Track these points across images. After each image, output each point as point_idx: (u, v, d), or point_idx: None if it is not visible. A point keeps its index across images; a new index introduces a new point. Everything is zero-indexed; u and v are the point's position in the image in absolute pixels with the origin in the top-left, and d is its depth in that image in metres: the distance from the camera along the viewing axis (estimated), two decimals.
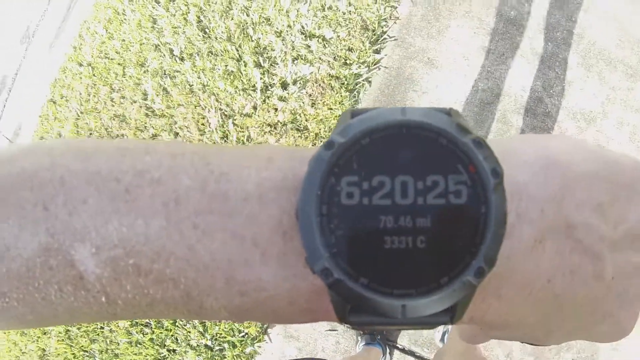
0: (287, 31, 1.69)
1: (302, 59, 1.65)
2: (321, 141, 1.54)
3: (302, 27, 1.68)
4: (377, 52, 1.64)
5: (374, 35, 1.64)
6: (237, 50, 1.72)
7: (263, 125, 1.61)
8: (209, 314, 0.18)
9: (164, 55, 1.84)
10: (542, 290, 0.18)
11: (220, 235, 0.17)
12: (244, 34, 1.74)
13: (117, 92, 1.89)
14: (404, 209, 0.16)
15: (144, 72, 1.85)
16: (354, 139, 0.17)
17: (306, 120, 1.58)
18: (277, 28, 1.71)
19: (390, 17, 1.67)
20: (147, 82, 1.83)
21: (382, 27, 1.66)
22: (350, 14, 1.67)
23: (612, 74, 1.69)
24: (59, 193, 0.16)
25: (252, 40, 1.72)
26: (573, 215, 0.18)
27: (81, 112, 1.93)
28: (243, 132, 1.62)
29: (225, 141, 1.65)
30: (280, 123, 1.60)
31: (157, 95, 1.80)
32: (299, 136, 1.57)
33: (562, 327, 0.20)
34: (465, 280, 0.16)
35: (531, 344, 0.22)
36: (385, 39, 1.65)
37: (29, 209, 0.16)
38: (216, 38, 1.77)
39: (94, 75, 1.95)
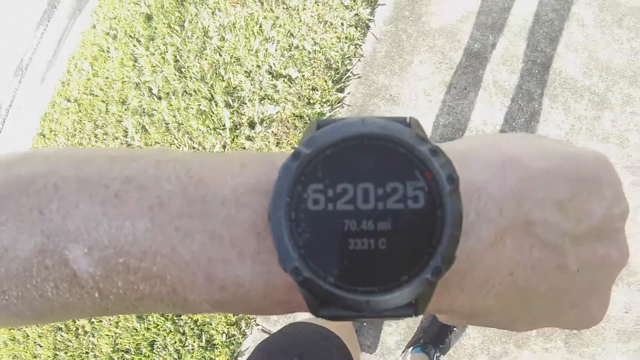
0: (255, 71, 1.76)
1: (269, 98, 1.72)
2: None
3: (270, 67, 1.75)
4: (341, 90, 1.70)
5: (337, 74, 1.70)
6: (210, 90, 1.80)
7: None
8: (193, 307, 0.19)
9: (143, 94, 1.92)
10: (504, 284, 0.19)
11: (200, 237, 0.18)
12: (216, 73, 1.81)
13: (100, 128, 1.99)
14: (366, 214, 0.17)
15: (125, 109, 1.94)
16: (318, 150, 0.18)
17: None
18: (247, 68, 1.78)
19: (355, 54, 1.73)
20: (127, 120, 1.92)
21: (346, 66, 1.71)
22: (315, 53, 1.73)
23: (577, 103, 1.72)
24: (53, 199, 0.18)
25: (224, 80, 1.79)
26: (532, 213, 0.19)
27: (67, 147, 2.02)
28: None
29: None
30: None
31: (137, 132, 1.89)
32: None
33: (527, 316, 0.21)
34: (424, 278, 0.17)
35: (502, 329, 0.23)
36: (349, 77, 1.71)
37: (25, 213, 0.17)
38: (191, 77, 1.85)
39: (79, 111, 2.05)
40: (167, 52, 1.93)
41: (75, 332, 1.77)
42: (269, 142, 1.67)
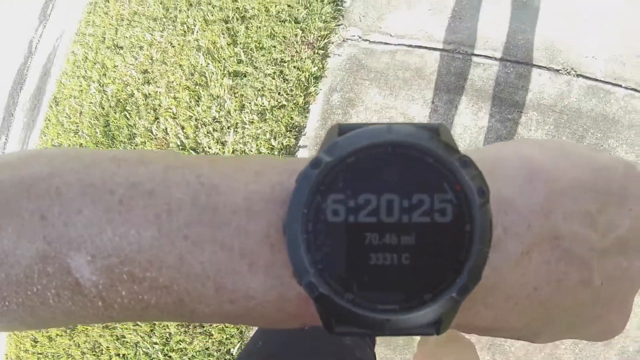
0: None
1: None
2: None
3: None
4: None
5: None
6: None
7: None
8: (202, 318, 0.19)
9: None
10: (528, 299, 0.18)
11: (209, 246, 0.17)
12: None
13: None
14: (389, 227, 0.16)
15: None
16: (340, 158, 0.17)
17: None
18: None
19: None
20: None
21: None
22: None
23: None
24: (55, 203, 0.17)
25: None
26: (560, 226, 0.18)
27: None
28: None
29: None
30: None
31: None
32: None
33: (550, 330, 0.21)
34: (449, 297, 0.16)
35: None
36: None
37: (27, 217, 0.17)
38: None
39: None
40: None
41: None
42: None
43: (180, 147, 1.71)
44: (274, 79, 1.68)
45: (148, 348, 1.59)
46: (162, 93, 1.82)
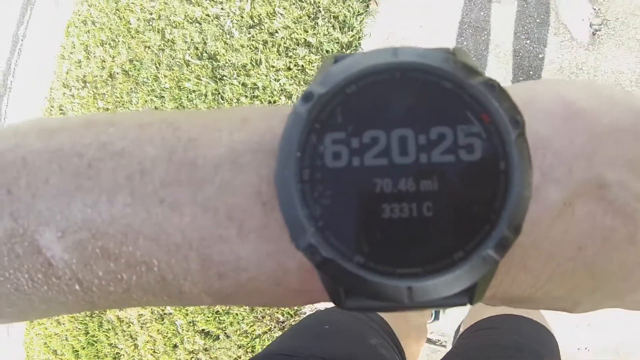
0: None
1: None
2: None
3: None
4: None
5: None
6: None
7: None
8: (191, 300, 0.17)
9: None
10: (572, 260, 0.16)
11: (189, 210, 0.15)
12: None
13: None
14: (405, 170, 0.14)
15: None
16: (337, 88, 0.14)
17: None
18: None
19: None
20: None
21: None
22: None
23: None
24: (21, 175, 0.15)
25: None
26: (605, 173, 0.16)
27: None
28: None
29: None
30: None
31: None
32: None
33: (592, 298, 0.18)
34: (485, 255, 0.13)
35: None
36: None
37: None
38: None
39: None
40: None
41: None
42: None
43: None
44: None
45: None
46: None
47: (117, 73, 1.87)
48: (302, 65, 1.53)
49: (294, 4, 1.55)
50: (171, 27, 1.76)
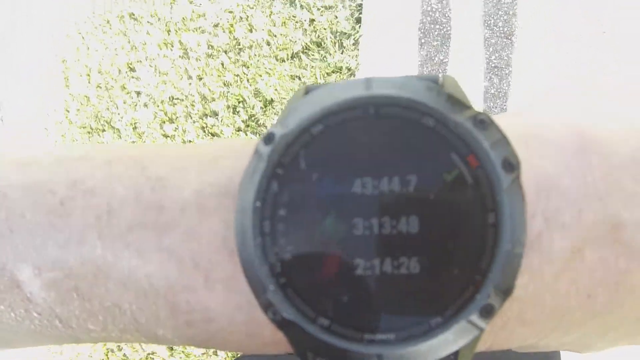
0: None
1: None
2: None
3: None
4: None
5: None
6: None
7: None
8: (170, 342, 0.16)
9: None
10: (580, 310, 0.14)
11: (155, 256, 0.14)
12: None
13: None
14: (377, 223, 0.12)
15: None
16: (300, 128, 0.12)
17: None
18: None
19: None
20: None
21: None
22: None
23: None
24: (1, 207, 0.15)
25: None
26: (621, 213, 0.14)
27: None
28: None
29: None
30: None
31: None
32: None
33: (603, 340, 0.17)
34: (467, 322, 0.12)
35: None
36: None
37: None
38: None
39: None
40: None
41: None
42: None
43: None
44: None
45: None
46: None
47: None
48: None
49: None
50: None
